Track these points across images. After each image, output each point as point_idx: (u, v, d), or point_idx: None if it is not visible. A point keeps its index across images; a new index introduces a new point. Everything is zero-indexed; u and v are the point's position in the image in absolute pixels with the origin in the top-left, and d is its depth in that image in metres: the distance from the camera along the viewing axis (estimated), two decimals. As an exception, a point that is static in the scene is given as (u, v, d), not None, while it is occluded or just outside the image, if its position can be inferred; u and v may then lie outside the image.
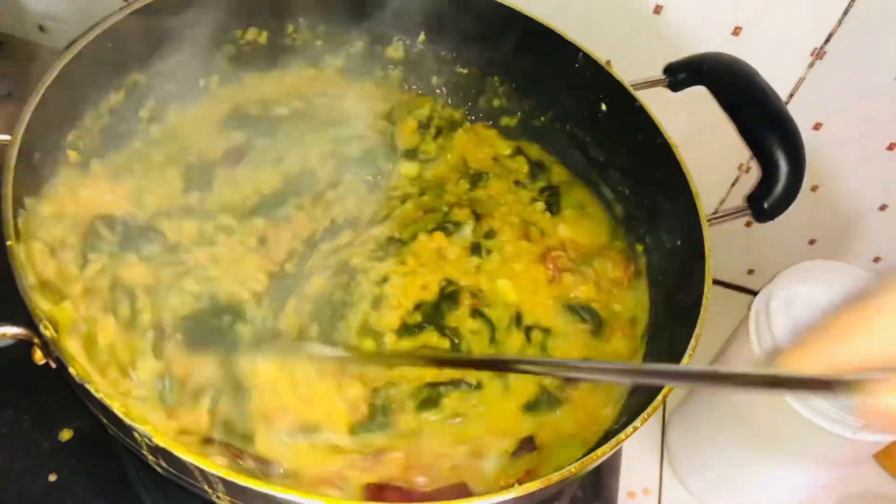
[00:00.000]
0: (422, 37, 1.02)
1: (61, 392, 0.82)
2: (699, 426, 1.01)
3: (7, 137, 0.69)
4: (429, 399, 0.75)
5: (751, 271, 1.32)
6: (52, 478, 0.79)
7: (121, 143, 0.86)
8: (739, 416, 0.92)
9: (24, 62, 1.16)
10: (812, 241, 1.24)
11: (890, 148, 1.06)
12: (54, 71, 0.73)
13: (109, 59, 0.82)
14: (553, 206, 0.96)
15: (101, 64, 0.81)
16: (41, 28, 1.29)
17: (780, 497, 0.95)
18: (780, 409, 0.81)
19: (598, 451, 0.61)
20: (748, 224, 1.23)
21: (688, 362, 0.69)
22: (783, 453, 0.88)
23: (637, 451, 1.07)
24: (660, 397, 0.65)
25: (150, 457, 0.58)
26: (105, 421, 0.59)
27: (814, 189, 1.14)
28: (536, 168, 1.00)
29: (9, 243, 0.61)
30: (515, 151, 1.02)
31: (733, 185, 1.20)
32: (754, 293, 0.91)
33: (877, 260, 1.23)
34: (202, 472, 0.54)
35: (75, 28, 1.22)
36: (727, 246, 1.26)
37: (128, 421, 0.55)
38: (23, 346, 0.82)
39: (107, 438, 0.81)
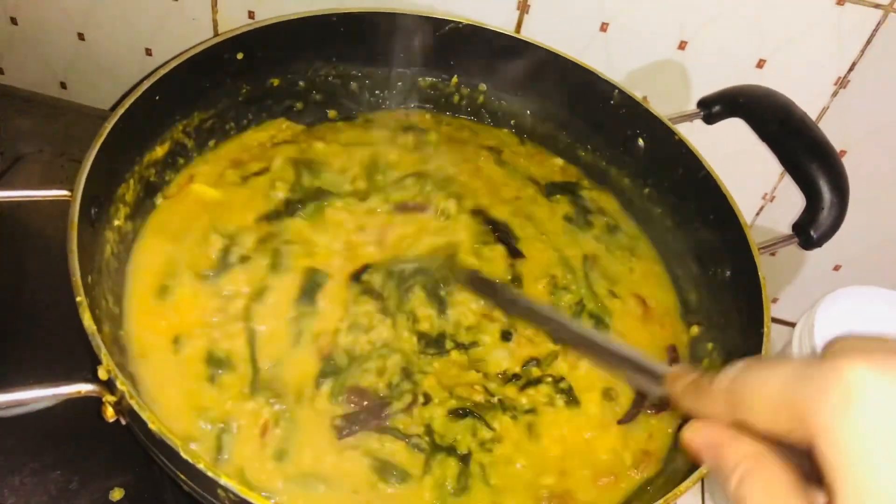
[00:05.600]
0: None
1: (107, 450, 0.82)
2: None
3: (66, 193, 0.68)
4: None
5: (775, 300, 1.33)
6: (107, 540, 0.78)
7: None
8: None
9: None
10: (837, 268, 1.25)
11: (915, 174, 1.08)
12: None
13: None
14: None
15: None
16: (63, 85, 1.30)
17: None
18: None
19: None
20: (773, 254, 1.24)
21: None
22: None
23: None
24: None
25: (232, 513, 0.56)
26: (182, 476, 0.58)
27: (839, 216, 1.15)
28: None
29: (78, 299, 0.61)
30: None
31: (758, 214, 1.21)
32: (779, 322, 0.91)
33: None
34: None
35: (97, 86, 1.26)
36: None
37: (212, 475, 0.54)
38: (64, 404, 0.82)
39: (159, 497, 0.80)
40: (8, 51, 1.27)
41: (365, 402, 0.73)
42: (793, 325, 0.93)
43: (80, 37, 1.22)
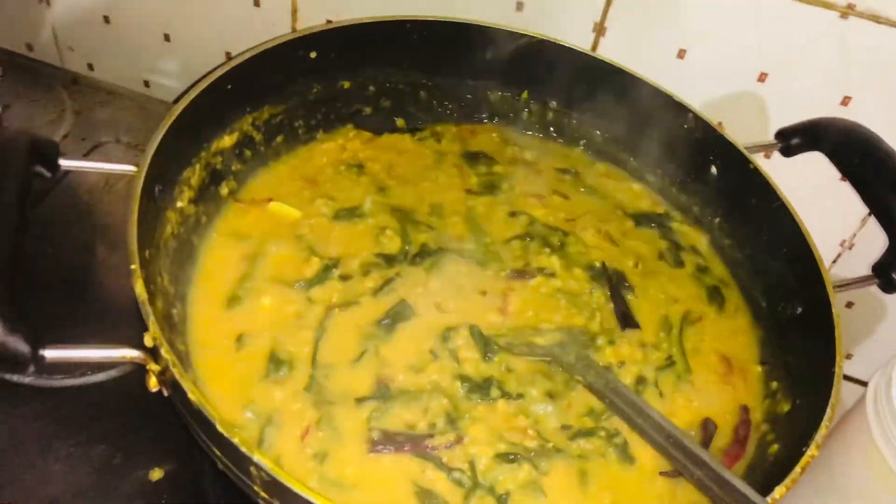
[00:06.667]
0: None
1: (152, 430, 0.83)
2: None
3: (133, 168, 0.70)
4: None
5: (848, 355, 1.25)
6: (143, 519, 0.78)
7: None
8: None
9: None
10: (911, 320, 1.18)
11: None
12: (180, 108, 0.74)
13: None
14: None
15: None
16: (146, 83, 1.34)
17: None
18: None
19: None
20: (848, 306, 1.18)
21: (823, 434, 0.65)
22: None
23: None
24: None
25: (262, 493, 0.55)
26: (217, 452, 0.57)
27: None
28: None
29: (132, 266, 0.61)
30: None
31: (834, 262, 1.15)
32: (852, 380, 0.85)
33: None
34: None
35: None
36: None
37: (245, 451, 0.52)
38: (117, 381, 0.83)
39: (197, 481, 0.80)
40: (99, 48, 1.32)
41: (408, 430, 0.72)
42: (867, 384, 0.88)
43: (166, 38, 1.26)
